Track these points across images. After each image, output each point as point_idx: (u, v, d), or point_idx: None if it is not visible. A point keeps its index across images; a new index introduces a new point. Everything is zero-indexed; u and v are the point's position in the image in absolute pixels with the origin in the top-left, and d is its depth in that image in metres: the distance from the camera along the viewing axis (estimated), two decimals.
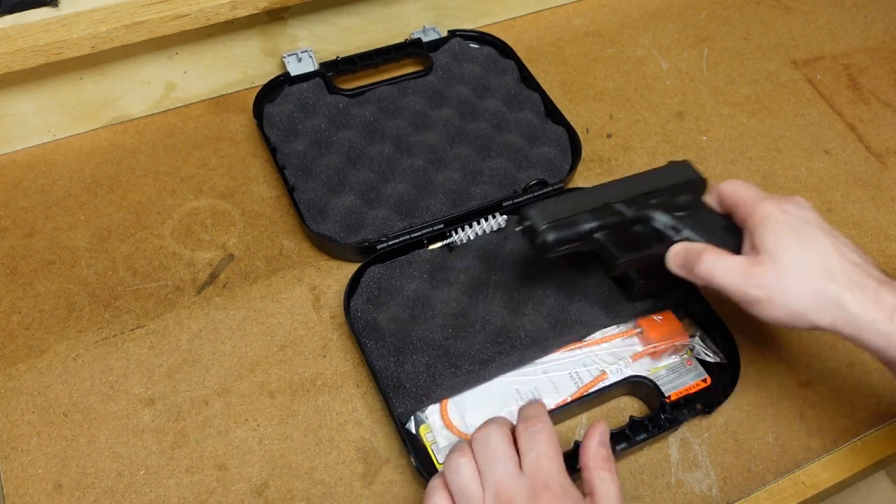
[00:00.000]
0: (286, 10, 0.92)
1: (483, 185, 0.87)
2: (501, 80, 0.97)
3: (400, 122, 0.92)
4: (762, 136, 0.98)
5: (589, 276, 0.79)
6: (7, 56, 0.79)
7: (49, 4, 0.82)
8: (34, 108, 0.87)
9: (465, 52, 0.99)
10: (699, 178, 0.73)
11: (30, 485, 0.68)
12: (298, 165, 0.87)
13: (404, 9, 0.99)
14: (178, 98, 0.94)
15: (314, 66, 0.94)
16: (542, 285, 0.79)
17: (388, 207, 0.84)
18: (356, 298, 0.77)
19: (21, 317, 0.78)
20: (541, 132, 0.92)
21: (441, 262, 0.81)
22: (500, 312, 0.77)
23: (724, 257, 0.64)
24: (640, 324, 0.76)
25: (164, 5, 0.84)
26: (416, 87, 0.95)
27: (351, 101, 0.93)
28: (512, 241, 0.82)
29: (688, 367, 0.76)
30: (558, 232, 0.68)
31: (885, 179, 0.94)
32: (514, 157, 0.90)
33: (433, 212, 0.84)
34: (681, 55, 1.06)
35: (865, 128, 0.99)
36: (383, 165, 0.88)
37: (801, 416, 0.75)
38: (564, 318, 0.77)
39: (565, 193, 0.80)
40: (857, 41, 1.09)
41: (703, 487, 0.71)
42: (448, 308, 0.77)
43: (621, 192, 0.71)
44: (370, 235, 0.81)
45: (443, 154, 0.89)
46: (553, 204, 0.69)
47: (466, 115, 0.94)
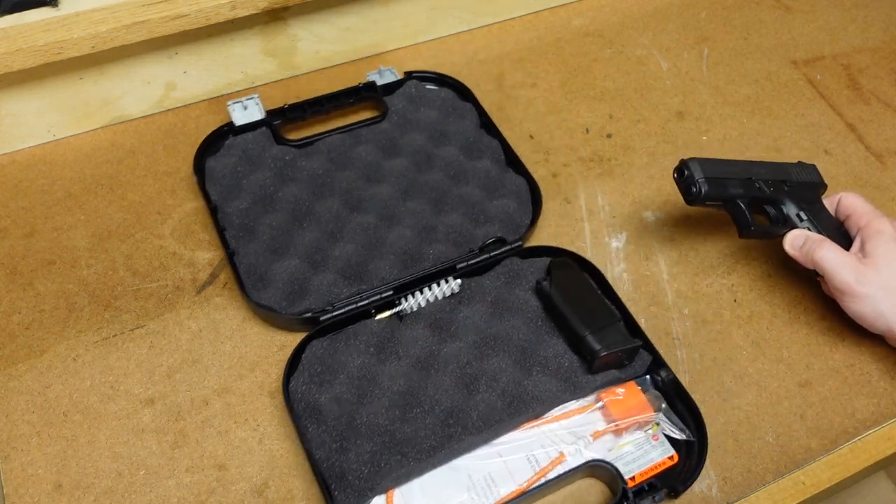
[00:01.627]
0: (286, 10, 0.92)
1: (437, 244, 0.81)
2: (460, 126, 0.92)
3: (351, 174, 0.86)
4: (762, 136, 0.98)
5: (547, 346, 0.75)
6: (7, 56, 0.79)
7: (49, 4, 0.82)
8: (34, 108, 0.87)
9: (423, 94, 0.94)
10: (822, 182, 0.84)
11: (30, 485, 0.68)
12: (240, 226, 0.81)
13: (404, 9, 0.99)
14: (178, 98, 0.94)
15: (261, 115, 0.89)
16: (496, 357, 0.74)
17: (335, 271, 0.78)
18: (297, 377, 0.72)
19: (21, 317, 0.78)
20: (500, 183, 0.87)
21: (390, 332, 0.75)
22: (451, 391, 0.72)
23: (840, 251, 0.75)
24: (602, 398, 0.72)
25: (164, 5, 0.84)
26: (369, 134, 0.90)
27: (299, 151, 0.88)
28: (466, 308, 0.77)
29: (654, 442, 0.71)
30: (711, 187, 0.76)
31: (885, 179, 0.94)
32: (472, 212, 0.84)
33: (383, 276, 0.78)
34: (681, 55, 1.06)
35: (865, 128, 0.99)
36: (331, 224, 0.82)
37: (801, 416, 0.75)
38: (520, 394, 0.72)
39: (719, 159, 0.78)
40: (857, 41, 1.09)
41: (703, 487, 0.71)
42: (395, 386, 0.72)
43: (762, 173, 0.80)
44: (314, 304, 0.76)
45: (395, 209, 0.84)
46: (710, 163, 0.77)
47: (422, 165, 0.88)
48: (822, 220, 0.80)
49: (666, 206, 0.89)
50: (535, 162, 0.93)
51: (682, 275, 0.84)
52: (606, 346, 0.72)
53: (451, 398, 0.71)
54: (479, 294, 0.79)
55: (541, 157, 0.94)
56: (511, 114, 0.98)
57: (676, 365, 0.78)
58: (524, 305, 0.78)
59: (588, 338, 0.72)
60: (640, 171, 0.93)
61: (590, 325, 0.73)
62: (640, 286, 0.83)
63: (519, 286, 0.79)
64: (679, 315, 0.81)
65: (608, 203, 0.90)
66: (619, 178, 0.92)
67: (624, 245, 0.86)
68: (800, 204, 0.80)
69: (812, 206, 0.81)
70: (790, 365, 0.79)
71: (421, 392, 0.72)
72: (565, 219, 0.88)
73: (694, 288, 0.83)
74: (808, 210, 0.80)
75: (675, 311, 0.82)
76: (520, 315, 0.77)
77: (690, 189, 0.76)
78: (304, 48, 0.97)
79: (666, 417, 0.71)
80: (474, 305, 0.78)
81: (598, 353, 0.71)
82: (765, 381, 0.77)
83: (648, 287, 0.83)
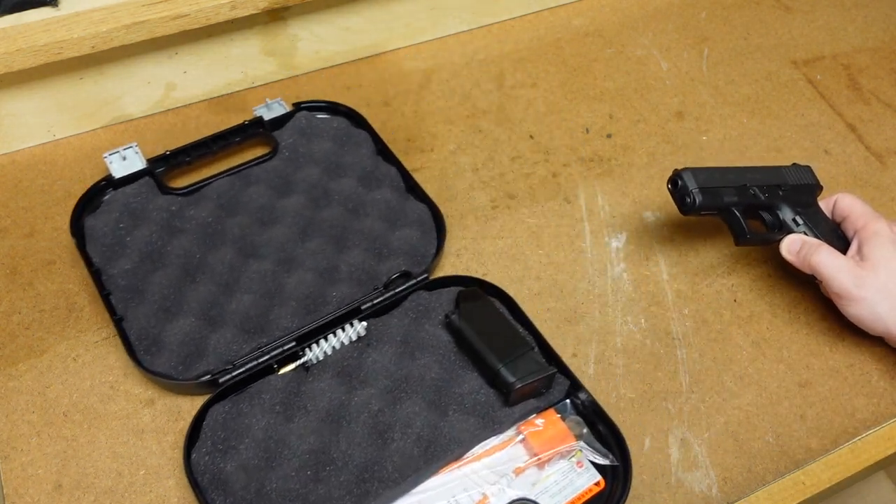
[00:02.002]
0: (286, 10, 0.92)
1: (340, 285, 0.78)
2: (355, 155, 0.88)
3: (243, 218, 0.82)
4: (762, 136, 0.98)
5: (462, 382, 0.72)
6: (7, 56, 0.79)
7: (49, 4, 0.82)
8: (34, 108, 0.87)
9: (314, 126, 0.90)
10: (817, 183, 0.83)
11: (30, 485, 0.68)
12: (127, 288, 0.76)
13: (404, 9, 0.99)
14: (178, 98, 0.94)
15: (142, 164, 0.84)
16: (409, 401, 0.71)
17: (234, 326, 0.74)
18: (198, 448, 0.68)
19: (21, 317, 0.78)
20: (401, 212, 0.84)
21: (296, 386, 0.72)
22: (364, 443, 0.69)
23: (837, 255, 0.75)
24: (522, 430, 0.70)
25: (164, 5, 0.84)
26: (260, 174, 0.85)
27: (186, 200, 0.82)
28: (374, 351, 0.74)
29: (579, 470, 0.68)
30: (705, 198, 0.76)
31: (885, 179, 0.94)
32: (374, 246, 0.81)
33: (285, 325, 0.74)
34: (681, 55, 1.06)
35: (865, 128, 0.99)
36: (226, 275, 0.78)
37: (801, 416, 0.75)
38: (437, 437, 0.69)
39: (713, 168, 0.78)
40: (857, 41, 1.09)
41: (703, 487, 0.71)
42: (305, 444, 0.68)
43: (757, 179, 0.80)
44: (212, 365, 0.72)
45: (293, 252, 0.80)
46: (704, 172, 0.77)
47: (319, 202, 0.84)
48: (818, 223, 0.80)
49: (666, 206, 0.89)
50: (535, 162, 0.93)
51: (682, 275, 0.84)
52: (521, 378, 0.69)
53: (364, 451, 0.68)
54: (388, 334, 0.75)
55: (541, 157, 0.94)
56: (511, 114, 0.98)
57: (676, 365, 0.78)
58: (435, 342, 0.75)
59: (502, 370, 0.70)
60: (640, 171, 0.93)
61: (503, 356, 0.71)
62: (640, 286, 0.83)
63: (429, 321, 0.76)
64: (679, 315, 0.81)
65: (608, 203, 0.90)
66: (619, 178, 0.92)
67: (624, 245, 0.86)
68: (795, 208, 0.80)
69: (808, 209, 0.81)
70: (790, 365, 0.79)
71: (333, 448, 0.68)
72: (565, 219, 0.88)
73: (694, 288, 0.83)
74: (804, 214, 0.80)
75: (675, 311, 0.82)
76: (431, 352, 0.74)
77: (685, 200, 0.76)
78: (304, 48, 0.97)
79: (587, 444, 0.69)
80: (383, 347, 0.74)
81: (514, 385, 0.69)
82: (765, 381, 0.77)
83: (648, 287, 0.83)
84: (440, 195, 0.89)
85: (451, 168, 0.92)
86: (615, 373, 0.77)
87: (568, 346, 0.79)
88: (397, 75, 1.00)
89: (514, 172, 0.92)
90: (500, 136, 0.95)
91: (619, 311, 0.81)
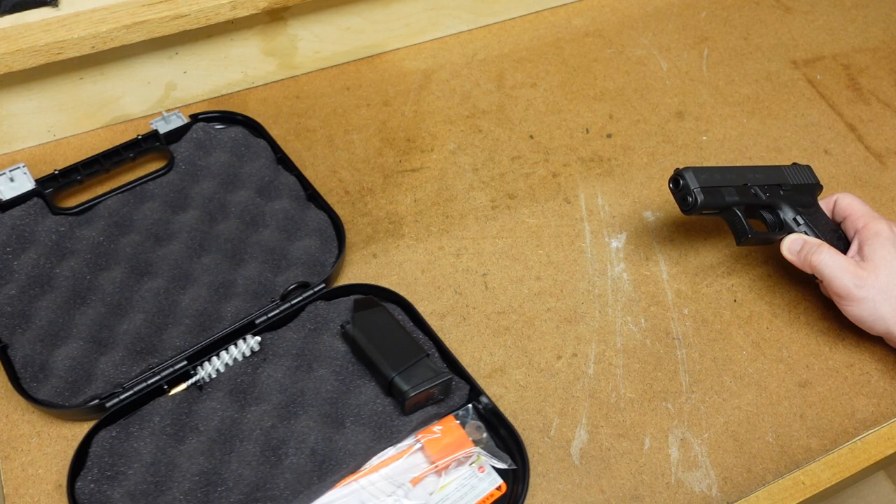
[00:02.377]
0: (286, 10, 0.92)
1: (235, 301, 0.76)
2: (254, 166, 0.86)
3: (136, 236, 0.80)
4: (762, 136, 0.98)
5: (359, 394, 0.72)
6: (7, 56, 0.79)
7: (49, 4, 0.82)
8: (34, 108, 0.87)
9: (212, 137, 0.87)
10: (818, 183, 0.83)
11: (30, 485, 0.68)
12: (12, 314, 0.73)
13: (404, 9, 0.99)
14: (178, 98, 0.94)
15: (31, 185, 0.80)
16: (304, 415, 0.70)
17: (123, 348, 0.72)
18: (84, 476, 0.65)
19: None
20: (301, 222, 0.82)
21: (187, 407, 0.70)
22: (256, 462, 0.67)
23: (838, 255, 0.75)
24: (420, 438, 0.69)
25: (164, 5, 0.84)
26: (155, 189, 0.83)
27: (77, 220, 0.80)
28: (269, 366, 0.73)
29: (480, 475, 0.68)
30: (707, 197, 0.76)
31: (885, 179, 0.94)
32: (272, 258, 0.79)
33: (177, 345, 0.73)
34: (681, 55, 1.06)
35: (865, 128, 0.99)
36: (117, 296, 0.75)
37: (800, 416, 0.75)
38: (332, 451, 0.68)
39: (714, 167, 0.78)
40: (857, 41, 1.09)
41: (703, 487, 0.71)
42: (195, 466, 0.66)
43: (758, 178, 0.80)
44: (100, 390, 0.70)
45: (188, 269, 0.78)
46: (705, 171, 0.77)
47: (215, 215, 0.82)
48: (819, 223, 0.80)
49: (666, 206, 0.89)
50: (535, 162, 0.93)
51: (682, 275, 0.84)
52: (415, 386, 0.69)
53: (255, 470, 0.67)
54: (283, 348, 0.74)
55: (541, 157, 0.94)
56: (511, 114, 0.98)
57: (676, 365, 0.78)
58: (332, 353, 0.74)
59: (396, 379, 0.70)
60: (640, 171, 0.93)
61: (397, 365, 0.70)
62: (640, 286, 0.83)
63: (326, 332, 0.75)
64: (679, 315, 0.81)
65: (608, 203, 0.90)
66: (619, 178, 0.92)
67: (624, 245, 0.86)
68: (796, 208, 0.80)
69: (808, 209, 0.81)
70: (790, 365, 0.79)
71: (224, 469, 0.67)
72: (565, 219, 0.88)
73: (694, 288, 0.83)
74: (804, 214, 0.80)
75: (675, 311, 0.82)
76: (328, 364, 0.73)
77: (686, 199, 0.76)
78: (304, 48, 0.97)
79: (487, 448, 0.69)
80: (278, 361, 0.73)
81: (408, 393, 0.69)
82: (765, 381, 0.77)
83: (648, 287, 0.83)
84: (440, 195, 0.89)
85: (451, 168, 0.92)
86: (615, 373, 0.77)
87: (568, 346, 0.79)
88: (397, 75, 1.00)
89: (514, 172, 0.92)
90: (500, 136, 0.95)
91: (619, 311, 0.81)
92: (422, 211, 0.88)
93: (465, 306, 0.81)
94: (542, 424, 0.74)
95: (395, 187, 0.90)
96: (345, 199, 0.88)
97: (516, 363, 0.78)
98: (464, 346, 0.78)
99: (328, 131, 0.94)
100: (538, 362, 0.78)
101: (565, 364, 0.78)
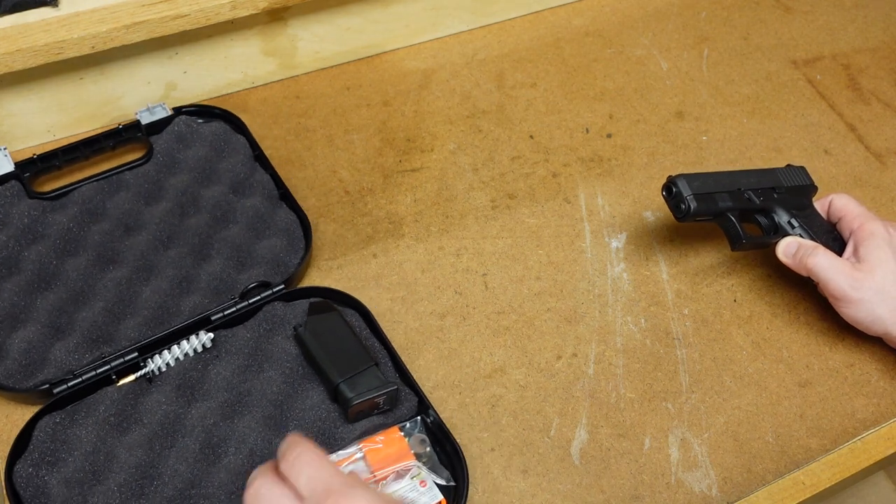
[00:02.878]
0: (286, 10, 0.92)
1: (195, 296, 0.76)
2: (231, 162, 0.85)
3: (105, 225, 0.79)
4: (762, 136, 0.98)
5: (305, 398, 0.71)
6: (7, 56, 0.79)
7: (49, 4, 0.82)
8: (34, 108, 0.87)
9: (193, 131, 0.87)
10: (812, 184, 0.83)
11: None
12: None
13: (404, 9, 0.99)
14: (178, 98, 0.94)
15: (10, 167, 0.81)
16: (249, 415, 0.70)
17: (80, 336, 0.72)
18: (24, 459, 0.66)
19: None
20: (270, 221, 0.82)
21: (134, 399, 0.70)
22: (193, 459, 0.67)
23: (834, 257, 0.75)
24: (363, 447, 0.69)
25: (164, 5, 0.84)
26: (130, 179, 0.83)
27: (51, 205, 0.80)
28: (219, 363, 0.72)
29: (421, 489, 0.67)
30: (700, 204, 0.76)
31: (885, 179, 0.94)
32: (237, 256, 0.79)
33: (133, 336, 0.73)
34: (681, 55, 1.06)
35: (865, 128, 0.99)
36: (80, 283, 0.76)
37: (800, 416, 0.75)
38: (271, 454, 0.67)
39: (707, 173, 0.78)
40: (857, 41, 1.09)
41: (703, 487, 0.71)
42: (133, 459, 0.66)
43: (751, 182, 0.80)
44: (51, 375, 0.70)
45: (154, 260, 0.78)
46: (698, 178, 0.77)
47: (187, 209, 0.82)
48: (814, 225, 0.80)
49: (665, 207, 0.89)
50: (535, 162, 0.93)
51: (682, 275, 0.84)
52: (360, 394, 0.68)
53: (192, 467, 0.67)
54: (236, 346, 0.74)
55: (541, 157, 0.94)
56: (511, 114, 0.98)
57: (676, 365, 0.78)
58: (283, 355, 0.73)
59: (341, 386, 0.69)
60: (640, 171, 0.93)
61: (344, 371, 0.70)
62: (640, 286, 0.83)
63: (280, 334, 0.75)
64: (679, 315, 0.81)
65: (608, 203, 0.90)
66: (619, 178, 0.92)
67: (624, 245, 0.86)
68: (791, 210, 0.80)
69: (803, 211, 0.81)
70: (790, 365, 0.79)
71: (161, 463, 0.67)
72: (565, 219, 0.88)
73: (694, 288, 0.83)
74: (799, 216, 0.80)
75: (675, 311, 0.82)
76: (278, 366, 0.73)
77: (679, 206, 0.76)
78: (304, 48, 0.97)
79: (427, 463, 0.68)
80: (229, 360, 0.73)
81: (352, 401, 0.68)
82: (765, 381, 0.77)
83: (648, 287, 0.83)
84: (440, 195, 0.89)
85: (451, 168, 0.92)
86: (615, 373, 0.77)
87: (568, 346, 0.79)
88: (397, 75, 1.00)
89: (514, 172, 0.92)
90: (500, 136, 0.95)
91: (619, 311, 0.81)
92: (422, 211, 0.88)
93: (465, 306, 0.81)
94: (542, 424, 0.74)
95: (395, 187, 0.90)
96: (345, 199, 0.88)
97: (516, 363, 0.78)
98: (464, 345, 0.78)
99: (328, 131, 0.94)
100: (538, 362, 0.78)
101: (565, 364, 0.78)
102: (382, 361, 0.74)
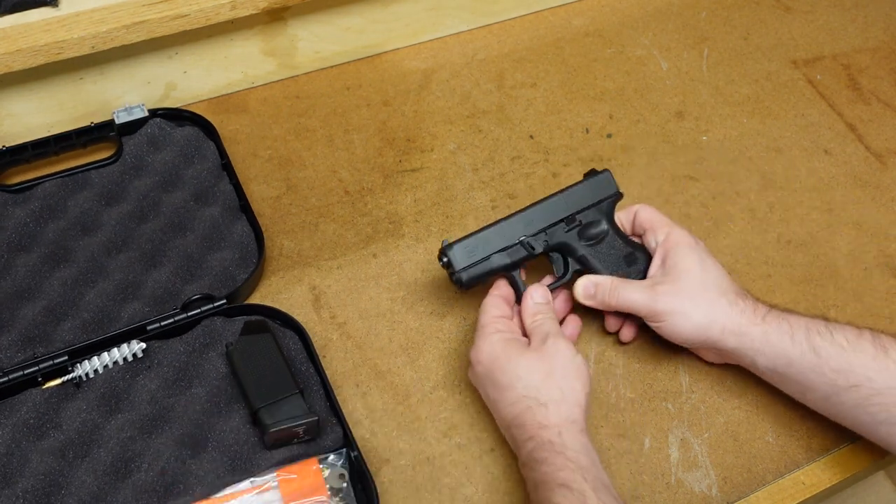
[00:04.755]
0: (286, 10, 0.92)
1: (137, 303, 0.75)
2: (197, 169, 0.84)
3: (62, 223, 0.79)
4: (762, 136, 0.98)
5: (227, 420, 0.69)
6: (7, 56, 0.79)
7: (49, 4, 0.82)
8: (34, 108, 0.87)
9: (166, 134, 0.86)
10: (616, 192, 0.79)
11: None
12: None
13: (404, 9, 0.99)
14: (178, 98, 0.94)
15: None
16: (168, 432, 0.68)
17: (17, 334, 0.71)
18: None
19: None
20: (227, 233, 0.80)
21: (56, 404, 0.68)
22: (102, 473, 0.65)
23: (632, 285, 0.73)
24: (279, 476, 0.66)
25: (164, 5, 0.84)
26: (95, 179, 0.82)
27: (13, 198, 0.79)
28: (147, 375, 0.71)
29: None
30: (472, 273, 0.73)
31: (885, 179, 0.94)
32: (187, 266, 0.78)
33: (69, 339, 0.72)
34: (681, 55, 1.06)
35: (865, 128, 0.99)
36: (27, 280, 0.75)
37: (801, 416, 0.75)
38: (183, 475, 0.65)
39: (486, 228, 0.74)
40: (857, 41, 1.09)
41: (703, 487, 0.71)
42: (43, 466, 0.65)
43: (535, 223, 0.75)
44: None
45: (103, 263, 0.77)
46: (471, 243, 0.74)
47: (146, 214, 0.81)
48: (609, 253, 0.76)
49: (666, 207, 0.89)
50: (535, 162, 0.93)
51: None
52: (278, 422, 0.66)
53: (100, 480, 0.65)
54: (168, 359, 0.72)
55: (541, 157, 0.94)
56: (511, 114, 0.98)
57: (676, 365, 0.78)
58: (214, 373, 0.72)
59: (261, 411, 0.67)
60: (640, 171, 0.93)
61: (266, 397, 0.68)
62: None
63: (216, 350, 0.73)
64: None
65: None
66: (619, 178, 0.92)
67: None
68: (584, 240, 0.76)
69: (598, 238, 0.76)
70: None
71: (71, 473, 0.65)
72: None
73: None
74: (592, 248, 0.76)
75: None
76: (206, 384, 0.71)
77: (452, 277, 0.74)
78: (304, 48, 0.97)
79: (343, 499, 0.66)
80: (159, 372, 0.71)
81: (269, 428, 0.66)
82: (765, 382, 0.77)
83: None
84: (440, 195, 0.89)
85: (451, 168, 0.92)
86: (615, 373, 0.77)
87: None
88: (397, 75, 1.00)
89: (514, 172, 0.92)
90: (500, 136, 0.95)
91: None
92: (422, 211, 0.88)
93: (465, 306, 0.81)
94: None
95: (395, 187, 0.90)
96: (345, 198, 0.88)
97: None
98: (464, 345, 0.78)
99: (328, 131, 0.94)
100: None
101: None
102: (314, 389, 0.72)
